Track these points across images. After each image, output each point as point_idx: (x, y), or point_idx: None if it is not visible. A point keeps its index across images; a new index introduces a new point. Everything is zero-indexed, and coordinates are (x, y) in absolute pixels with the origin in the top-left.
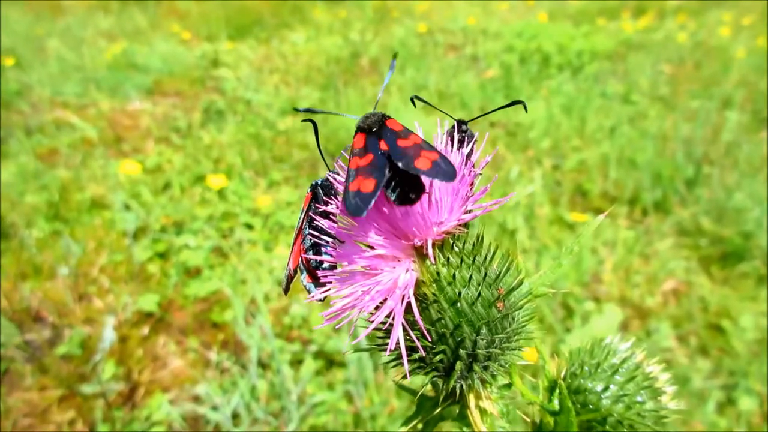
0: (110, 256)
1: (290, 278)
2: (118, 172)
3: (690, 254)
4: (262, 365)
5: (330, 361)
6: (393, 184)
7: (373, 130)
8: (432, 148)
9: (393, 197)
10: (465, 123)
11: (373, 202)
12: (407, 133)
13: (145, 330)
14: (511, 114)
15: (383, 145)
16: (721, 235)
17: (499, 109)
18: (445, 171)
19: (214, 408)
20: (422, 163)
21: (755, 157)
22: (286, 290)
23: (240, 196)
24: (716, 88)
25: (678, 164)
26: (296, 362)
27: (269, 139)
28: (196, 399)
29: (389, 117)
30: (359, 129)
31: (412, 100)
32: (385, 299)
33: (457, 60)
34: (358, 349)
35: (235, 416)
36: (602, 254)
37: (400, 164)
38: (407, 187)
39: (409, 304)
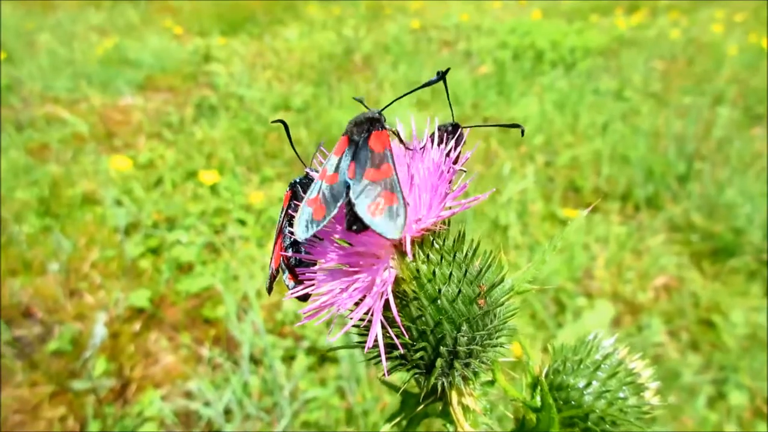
0: (101, 252)
1: (273, 278)
2: (110, 167)
3: (681, 250)
4: (255, 361)
5: (322, 357)
6: (347, 209)
7: (355, 139)
8: (396, 190)
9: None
10: (460, 126)
11: (316, 231)
12: (382, 160)
13: (137, 326)
14: (503, 110)
15: (350, 172)
16: (713, 231)
17: (498, 125)
18: (390, 227)
19: (207, 404)
20: (374, 210)
21: (746, 153)
22: (270, 290)
23: (232, 192)
24: (708, 85)
25: (670, 160)
26: (288, 358)
27: (262, 135)
28: (188, 395)
29: (378, 128)
30: (346, 131)
31: (438, 73)
32: (364, 296)
33: (450, 56)
34: (338, 347)
35: (228, 412)
36: (594, 250)
37: (355, 205)
38: (354, 219)
39: (387, 301)
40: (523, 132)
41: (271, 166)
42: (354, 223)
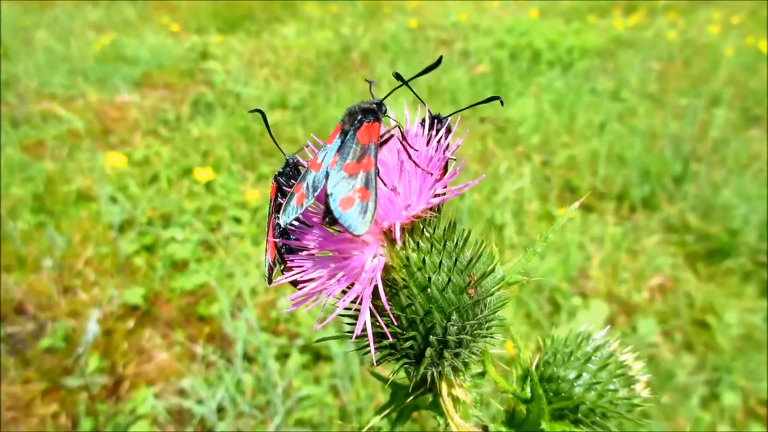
0: (96, 248)
1: (271, 269)
2: (105, 164)
3: (677, 250)
4: (248, 359)
5: (317, 355)
6: (324, 199)
7: (346, 129)
8: (371, 186)
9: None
10: (441, 118)
11: (294, 218)
12: (365, 153)
13: (131, 323)
14: (500, 110)
15: (332, 163)
16: (708, 232)
17: (478, 104)
18: (357, 223)
19: (200, 402)
20: (345, 203)
21: (742, 154)
22: (270, 281)
23: (228, 190)
24: (705, 86)
25: (666, 161)
26: (282, 356)
27: (258, 133)
28: (182, 393)
29: (370, 120)
30: (342, 119)
31: (395, 75)
32: (353, 283)
33: (447, 55)
34: (326, 338)
35: (221, 410)
36: (590, 250)
37: (329, 196)
38: (328, 211)
39: (376, 288)
40: (502, 102)
41: (268, 164)
42: (327, 214)
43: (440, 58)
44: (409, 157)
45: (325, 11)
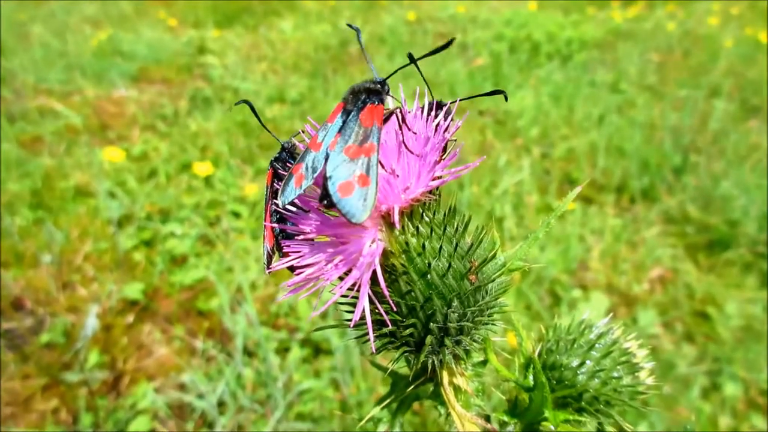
0: (94, 244)
1: (270, 256)
2: (103, 159)
3: (677, 242)
4: (249, 353)
5: (317, 349)
6: (323, 181)
7: (348, 108)
8: (372, 173)
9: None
10: (441, 104)
11: (293, 198)
12: (368, 136)
13: (130, 318)
14: (500, 102)
15: (332, 144)
16: (708, 223)
17: (480, 95)
18: (356, 210)
19: (200, 396)
20: (345, 189)
21: (742, 145)
22: (268, 267)
23: (227, 185)
24: (704, 77)
25: (665, 152)
26: (283, 350)
27: (256, 127)
28: (182, 387)
29: (375, 101)
30: (343, 97)
31: (409, 56)
32: (351, 269)
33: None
34: (324, 327)
35: (221, 404)
36: (590, 242)
37: (328, 180)
38: (325, 194)
39: (375, 274)
40: (506, 97)
41: (266, 158)
42: (325, 197)
43: (452, 40)
44: (405, 134)
45: (322, 4)
